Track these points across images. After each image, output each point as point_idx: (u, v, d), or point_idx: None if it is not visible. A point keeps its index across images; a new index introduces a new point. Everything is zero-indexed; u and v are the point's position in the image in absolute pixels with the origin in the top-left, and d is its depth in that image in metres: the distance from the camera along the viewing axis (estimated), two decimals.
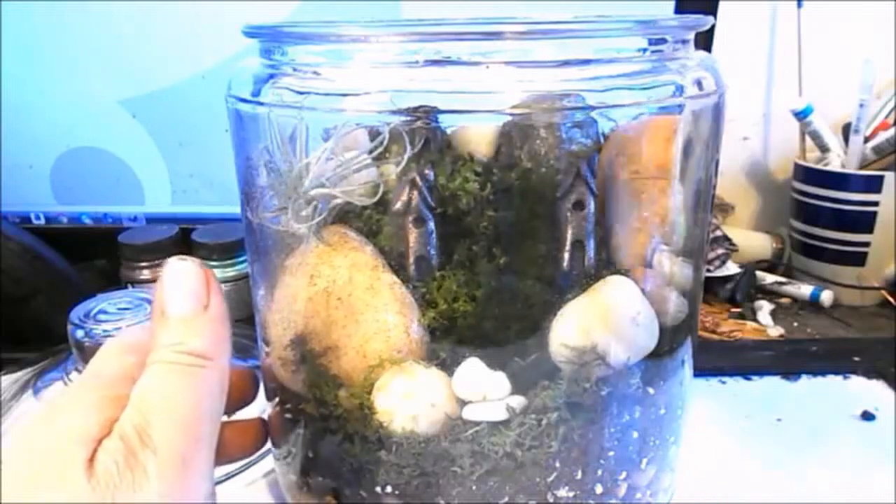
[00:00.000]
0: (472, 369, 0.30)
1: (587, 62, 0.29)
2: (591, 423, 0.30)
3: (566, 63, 0.29)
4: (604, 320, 0.30)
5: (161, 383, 0.26)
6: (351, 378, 0.31)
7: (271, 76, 0.30)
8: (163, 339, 0.27)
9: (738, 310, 0.80)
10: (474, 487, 0.30)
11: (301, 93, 0.29)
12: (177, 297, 0.27)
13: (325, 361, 0.31)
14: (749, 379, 0.62)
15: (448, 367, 0.30)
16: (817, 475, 0.48)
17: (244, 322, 0.56)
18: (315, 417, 0.32)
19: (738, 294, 0.82)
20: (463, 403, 0.30)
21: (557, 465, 0.30)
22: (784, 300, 0.82)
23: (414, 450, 0.29)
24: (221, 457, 0.36)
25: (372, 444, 0.30)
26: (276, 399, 0.34)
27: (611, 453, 0.31)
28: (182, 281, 0.28)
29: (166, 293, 0.27)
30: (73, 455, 0.24)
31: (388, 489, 0.30)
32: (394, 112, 0.28)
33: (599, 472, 0.31)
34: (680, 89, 0.31)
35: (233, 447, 0.36)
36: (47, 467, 0.24)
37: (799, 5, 0.85)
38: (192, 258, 0.28)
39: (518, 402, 0.30)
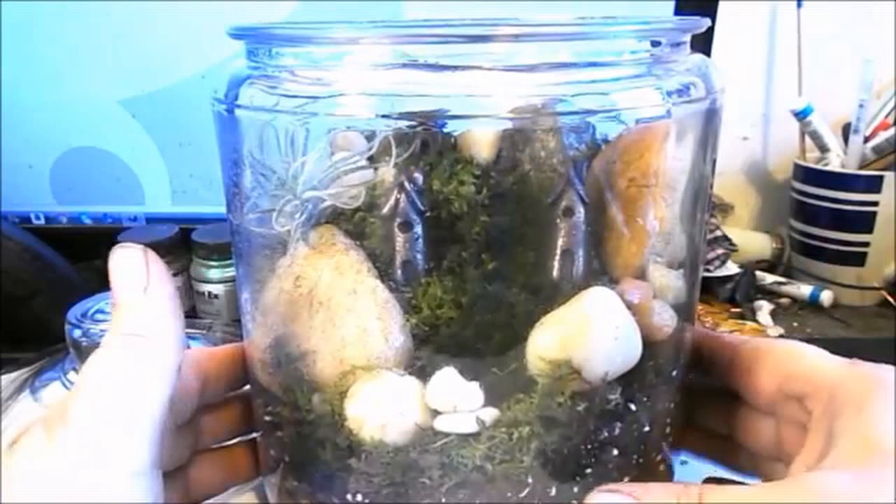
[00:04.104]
0: (446, 379, 0.29)
1: (581, 65, 0.29)
2: (566, 438, 0.30)
3: (559, 66, 0.29)
4: (580, 333, 0.29)
5: (90, 366, 0.26)
6: (326, 383, 0.31)
7: (257, 78, 0.30)
8: (111, 326, 0.28)
9: (738, 310, 0.80)
10: (444, 500, 0.29)
11: (287, 96, 0.29)
12: (120, 285, 0.28)
13: (302, 366, 0.31)
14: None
15: (427, 375, 0.30)
16: None
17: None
18: (290, 421, 0.32)
19: (738, 294, 0.82)
20: (435, 414, 0.29)
21: (530, 480, 0.29)
22: (784, 300, 0.82)
23: (383, 459, 0.29)
24: (225, 478, 0.37)
25: (343, 452, 0.30)
26: (259, 401, 0.34)
27: (588, 470, 0.30)
28: (124, 268, 0.28)
29: (112, 283, 0.28)
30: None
31: (359, 497, 0.30)
32: (383, 116, 0.27)
33: (576, 490, 0.30)
34: (675, 93, 0.30)
35: (236, 466, 0.37)
36: None
37: (799, 5, 0.85)
38: (134, 244, 0.29)
39: (490, 414, 0.29)
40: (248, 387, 0.37)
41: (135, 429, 0.26)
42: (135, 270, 0.28)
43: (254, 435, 0.37)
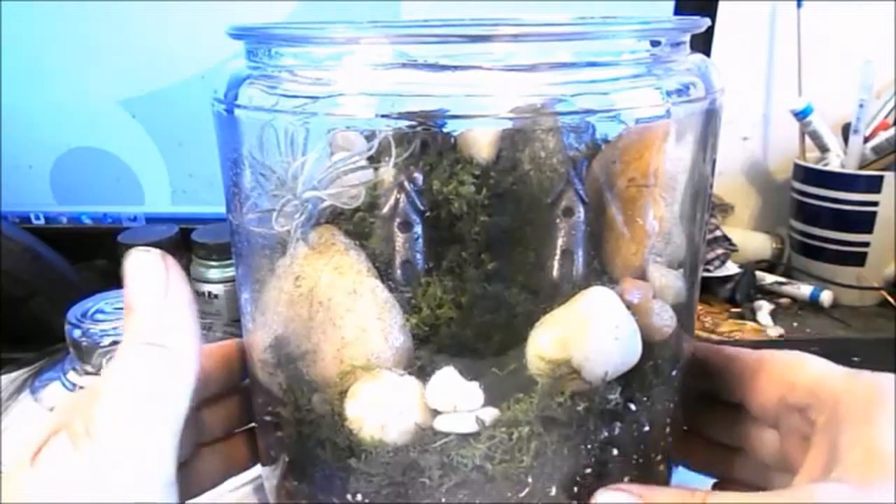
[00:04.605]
0: (446, 379, 0.29)
1: (581, 65, 0.29)
2: (566, 438, 0.30)
3: (559, 66, 0.29)
4: (580, 333, 0.29)
5: (113, 374, 0.26)
6: (326, 383, 0.31)
7: (256, 78, 0.30)
8: (127, 331, 0.27)
9: (738, 310, 0.80)
10: (444, 500, 0.29)
11: (286, 96, 0.29)
12: (138, 291, 0.28)
13: (303, 365, 0.31)
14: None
15: (427, 375, 0.30)
16: None
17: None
18: (291, 421, 0.32)
19: (738, 294, 0.81)
20: (435, 413, 0.29)
21: (530, 480, 0.29)
22: (784, 300, 0.82)
23: (383, 459, 0.29)
24: (223, 470, 0.37)
25: (343, 452, 0.30)
26: (259, 401, 0.34)
27: (588, 470, 0.30)
28: (143, 273, 0.28)
29: (129, 287, 0.28)
30: (18, 456, 0.25)
31: (359, 497, 0.30)
32: (383, 116, 0.27)
33: (576, 490, 0.30)
34: (675, 93, 0.30)
35: (233, 458, 0.37)
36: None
37: (799, 5, 0.85)
38: (153, 249, 0.29)
39: (490, 414, 0.29)
40: (244, 381, 0.37)
41: (163, 441, 0.26)
42: (154, 276, 0.28)
43: (251, 426, 0.38)
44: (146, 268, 0.28)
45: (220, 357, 0.36)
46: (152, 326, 0.27)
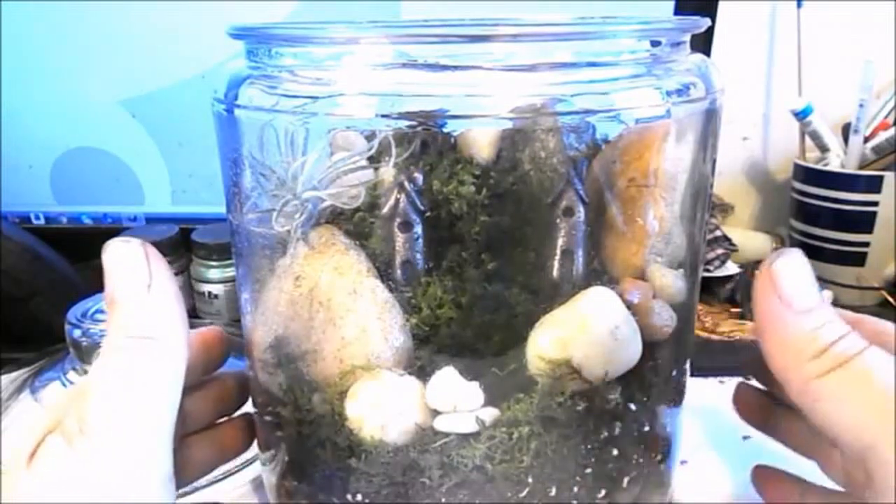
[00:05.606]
0: (446, 379, 0.29)
1: (581, 65, 0.29)
2: (566, 438, 0.30)
3: (559, 66, 0.29)
4: (580, 333, 0.29)
5: (102, 370, 0.26)
6: (326, 383, 0.31)
7: (257, 78, 0.30)
8: (112, 325, 0.27)
9: (738, 310, 0.80)
10: (444, 500, 0.29)
11: (287, 96, 0.29)
12: (120, 282, 0.27)
13: (303, 365, 0.31)
14: (749, 379, 0.62)
15: (427, 375, 0.30)
16: (818, 476, 0.48)
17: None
18: (291, 421, 0.32)
19: (738, 294, 0.81)
20: (436, 413, 0.29)
21: (530, 480, 0.29)
22: None
23: (383, 459, 0.29)
24: (213, 458, 0.36)
25: (343, 452, 0.30)
26: (259, 401, 0.34)
27: (588, 470, 0.30)
28: (123, 263, 0.27)
29: (110, 280, 0.27)
30: (15, 454, 0.25)
31: (359, 497, 0.30)
32: (383, 116, 0.27)
33: (576, 489, 0.30)
34: (675, 93, 0.30)
35: (223, 446, 0.37)
36: None
37: (799, 5, 0.85)
38: (132, 238, 0.28)
39: (490, 414, 0.29)
40: (223, 369, 0.37)
41: (158, 435, 0.26)
42: (135, 266, 0.27)
43: (237, 414, 0.38)
44: (127, 259, 0.27)
45: (199, 345, 0.35)
46: (138, 319, 0.27)
